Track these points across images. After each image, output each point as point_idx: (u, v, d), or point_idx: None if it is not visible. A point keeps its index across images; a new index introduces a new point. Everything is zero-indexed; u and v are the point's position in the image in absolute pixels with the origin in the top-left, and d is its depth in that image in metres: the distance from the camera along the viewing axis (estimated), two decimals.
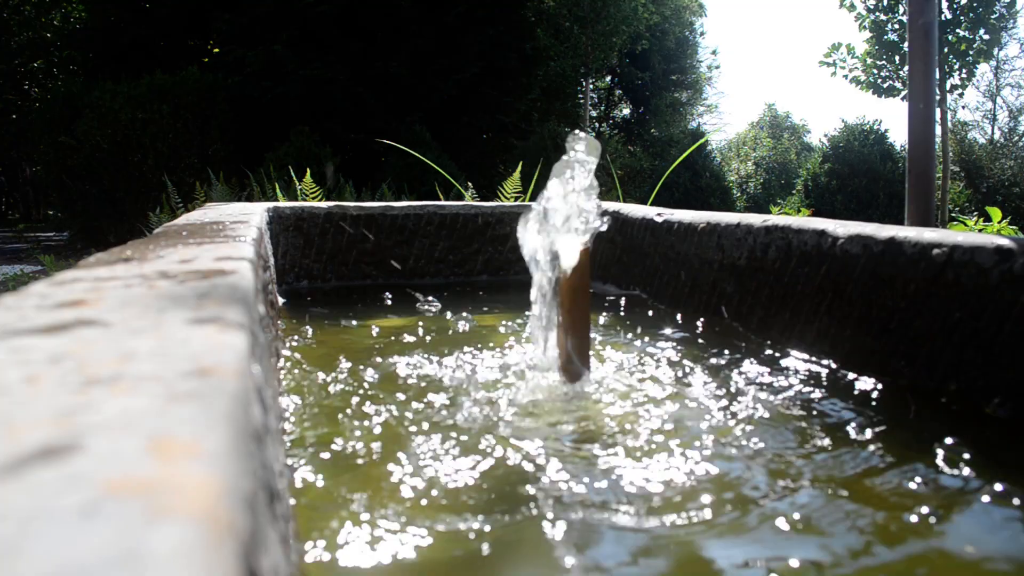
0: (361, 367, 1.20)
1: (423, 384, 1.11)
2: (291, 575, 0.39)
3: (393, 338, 1.45)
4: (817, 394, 1.06)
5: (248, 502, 0.25)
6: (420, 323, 1.59)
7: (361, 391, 1.07)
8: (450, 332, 1.50)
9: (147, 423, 0.27)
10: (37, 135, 9.14)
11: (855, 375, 1.14)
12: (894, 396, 1.06)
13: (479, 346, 1.35)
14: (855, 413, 0.98)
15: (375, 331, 1.52)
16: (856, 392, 1.08)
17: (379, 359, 1.26)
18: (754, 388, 1.09)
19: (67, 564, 0.18)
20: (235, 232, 1.11)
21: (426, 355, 1.28)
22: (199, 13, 10.25)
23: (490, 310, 1.79)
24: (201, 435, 0.26)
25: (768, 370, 1.18)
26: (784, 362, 1.25)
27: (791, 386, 1.10)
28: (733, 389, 1.08)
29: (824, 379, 1.14)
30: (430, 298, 1.52)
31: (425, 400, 1.03)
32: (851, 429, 0.92)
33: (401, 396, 1.04)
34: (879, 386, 1.09)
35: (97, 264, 0.70)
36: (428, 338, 1.45)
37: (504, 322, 1.61)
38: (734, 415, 0.97)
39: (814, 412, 0.98)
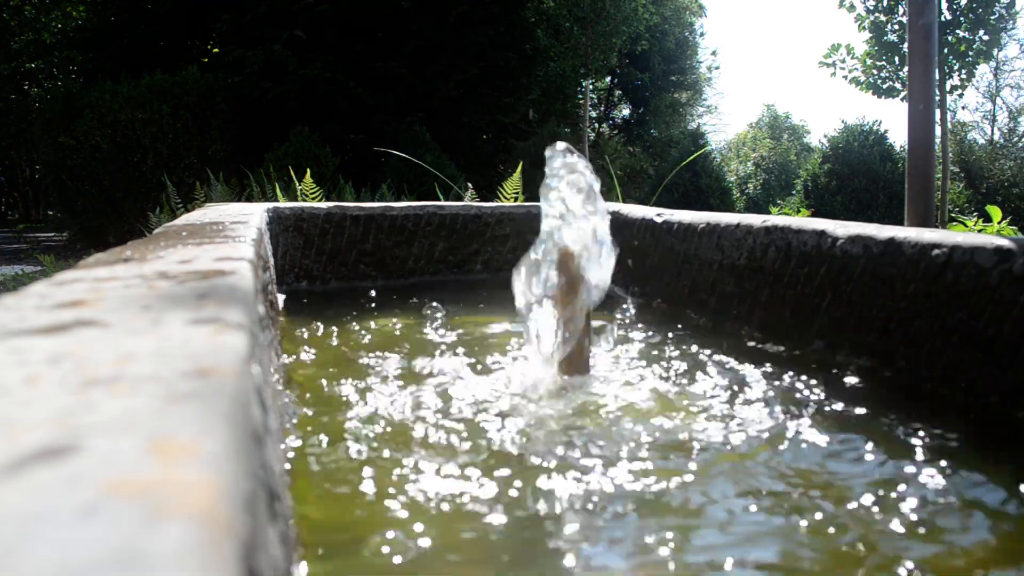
0: (360, 366, 1.20)
1: (420, 382, 1.11)
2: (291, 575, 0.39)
3: (392, 337, 1.45)
4: (817, 393, 1.06)
5: (248, 503, 0.25)
6: (419, 323, 1.59)
7: (359, 389, 1.07)
8: (449, 331, 1.50)
9: (147, 424, 0.27)
10: (37, 135, 9.13)
11: (854, 375, 1.14)
12: (894, 396, 1.06)
13: (478, 344, 1.35)
14: (854, 413, 0.98)
15: (374, 331, 1.52)
16: (856, 392, 1.07)
17: (378, 358, 1.26)
18: (754, 387, 1.08)
19: (67, 565, 0.18)
20: (235, 232, 1.11)
21: (425, 354, 1.28)
22: (199, 13, 10.25)
23: (490, 310, 1.80)
24: (201, 436, 0.26)
25: (768, 370, 1.18)
26: (783, 361, 1.25)
27: (789, 384, 1.10)
28: (730, 387, 1.08)
29: (824, 379, 1.14)
30: (434, 304, 1.53)
31: (421, 396, 1.02)
32: (849, 429, 0.91)
33: (399, 393, 1.04)
34: (878, 386, 1.09)
35: (97, 264, 0.70)
36: (428, 338, 1.45)
37: (505, 320, 1.61)
38: (730, 415, 0.97)
39: (811, 409, 0.98)
